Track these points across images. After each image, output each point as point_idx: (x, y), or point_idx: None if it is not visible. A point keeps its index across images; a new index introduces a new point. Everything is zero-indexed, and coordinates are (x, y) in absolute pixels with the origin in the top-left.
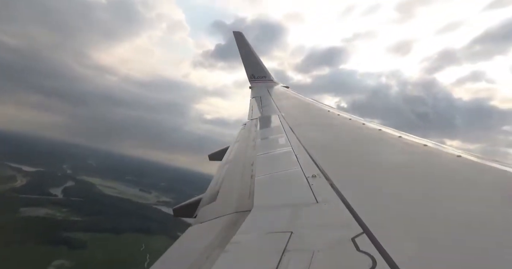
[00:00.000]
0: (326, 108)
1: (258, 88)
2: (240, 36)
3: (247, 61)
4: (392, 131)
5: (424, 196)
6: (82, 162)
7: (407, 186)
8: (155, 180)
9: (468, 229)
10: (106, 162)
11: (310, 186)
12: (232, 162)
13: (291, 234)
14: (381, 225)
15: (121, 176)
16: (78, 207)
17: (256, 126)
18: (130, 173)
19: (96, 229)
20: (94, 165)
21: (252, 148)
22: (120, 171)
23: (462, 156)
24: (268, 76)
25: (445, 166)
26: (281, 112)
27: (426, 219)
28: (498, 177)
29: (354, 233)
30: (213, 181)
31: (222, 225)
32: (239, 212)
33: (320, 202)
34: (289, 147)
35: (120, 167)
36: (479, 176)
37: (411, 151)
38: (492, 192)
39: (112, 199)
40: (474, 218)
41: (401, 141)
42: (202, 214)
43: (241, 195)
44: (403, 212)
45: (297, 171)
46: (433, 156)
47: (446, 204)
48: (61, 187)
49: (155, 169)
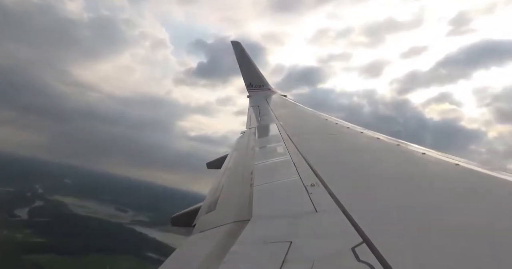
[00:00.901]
0: (324, 116)
1: (256, 97)
2: (238, 45)
3: (245, 70)
4: (390, 140)
5: (424, 205)
6: (58, 181)
7: (407, 194)
8: (135, 199)
9: (469, 238)
10: (85, 181)
11: (309, 195)
12: (231, 170)
13: (291, 244)
14: (381, 235)
15: (99, 195)
16: (42, 228)
17: (255, 134)
18: (109, 191)
19: (57, 251)
20: (71, 183)
21: (251, 157)
22: (98, 190)
23: (460, 165)
24: (266, 85)
25: (444, 174)
26: (279, 121)
27: (426, 228)
28: (498, 186)
29: (354, 243)
30: (211, 189)
31: (221, 235)
32: (239, 221)
33: (319, 211)
34: (288, 155)
35: (99, 186)
36: (478, 185)
37: (410, 160)
38: (492, 201)
39: (82, 218)
40: (475, 227)
41: (400, 149)
42: (201, 223)
43: (241, 204)
44: (404, 221)
45: (296, 180)
46: (432, 164)
47: (447, 213)
48: (28, 207)
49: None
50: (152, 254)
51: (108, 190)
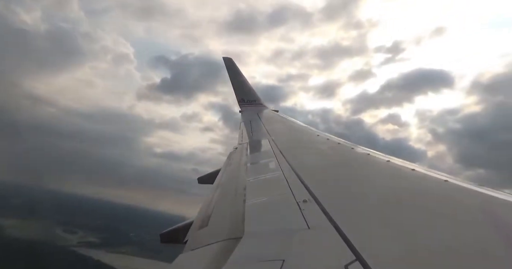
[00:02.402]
0: (315, 132)
1: (248, 112)
2: (229, 61)
3: (237, 85)
4: (380, 156)
5: (416, 222)
6: (2, 202)
7: (399, 211)
8: (90, 219)
9: (462, 256)
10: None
11: (302, 211)
12: (223, 186)
13: (283, 263)
14: (374, 252)
15: (49, 215)
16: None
17: (247, 150)
18: (62, 211)
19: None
20: (18, 204)
21: (243, 172)
22: (50, 210)
23: (448, 181)
24: (257, 100)
25: (434, 191)
26: (271, 136)
27: (420, 245)
28: (487, 202)
29: (347, 261)
30: (204, 204)
31: (213, 253)
32: (231, 239)
33: (312, 228)
34: (280, 171)
35: (52, 206)
36: (466, 201)
37: (400, 176)
38: (480, 217)
39: (17, 242)
40: (467, 244)
41: (390, 165)
42: (193, 240)
43: (234, 220)
44: (396, 238)
45: (288, 196)
46: (422, 180)
47: (439, 231)
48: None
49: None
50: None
51: (60, 210)
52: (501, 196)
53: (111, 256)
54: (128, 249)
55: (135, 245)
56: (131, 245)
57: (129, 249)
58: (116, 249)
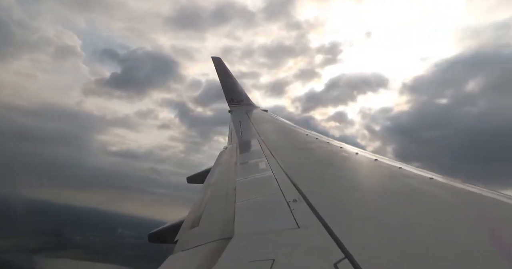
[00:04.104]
0: (304, 132)
1: (237, 112)
2: (218, 61)
3: (226, 85)
4: (368, 154)
5: (404, 219)
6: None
7: (386, 208)
8: (36, 223)
9: (449, 251)
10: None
11: (291, 210)
12: (214, 186)
13: (273, 262)
14: (363, 250)
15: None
16: None
17: (237, 150)
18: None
19: None
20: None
21: (233, 173)
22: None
23: (434, 179)
24: (246, 99)
25: (420, 188)
26: (261, 136)
27: (408, 243)
28: (471, 199)
29: (336, 259)
30: (194, 204)
31: (204, 254)
32: (222, 239)
33: (302, 227)
34: (270, 171)
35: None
36: (452, 198)
37: (388, 174)
38: (465, 214)
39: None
40: (457, 242)
41: (378, 164)
42: (183, 240)
43: (225, 220)
44: (385, 236)
45: (278, 196)
46: (408, 178)
47: (428, 228)
48: None
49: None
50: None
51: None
52: (484, 193)
53: (49, 260)
54: (70, 253)
55: (80, 248)
56: (75, 248)
57: (71, 252)
58: (57, 254)
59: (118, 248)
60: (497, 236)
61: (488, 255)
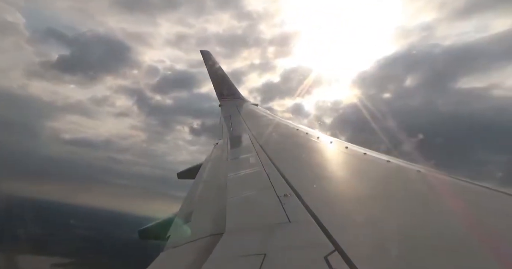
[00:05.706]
0: (295, 126)
1: (227, 106)
2: (207, 54)
3: (215, 79)
4: (358, 148)
5: (393, 212)
6: None
7: (376, 202)
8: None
9: (437, 242)
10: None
11: (283, 205)
12: (205, 182)
13: (265, 256)
14: (352, 243)
15: None
16: None
17: (227, 145)
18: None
19: None
20: None
21: (225, 168)
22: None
23: (421, 171)
24: (236, 93)
25: (409, 181)
26: (252, 131)
27: (397, 235)
28: (459, 190)
29: (326, 252)
30: (186, 199)
31: (197, 250)
32: (214, 235)
33: (293, 221)
34: (261, 166)
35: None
36: (439, 189)
37: (377, 168)
38: (453, 205)
39: None
40: (440, 230)
41: (367, 158)
42: (175, 236)
43: (217, 216)
44: (374, 228)
45: (269, 191)
46: (397, 171)
47: (415, 219)
48: None
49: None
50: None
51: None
52: (470, 185)
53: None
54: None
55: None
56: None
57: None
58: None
59: (66, 240)
60: (483, 226)
61: (475, 245)
